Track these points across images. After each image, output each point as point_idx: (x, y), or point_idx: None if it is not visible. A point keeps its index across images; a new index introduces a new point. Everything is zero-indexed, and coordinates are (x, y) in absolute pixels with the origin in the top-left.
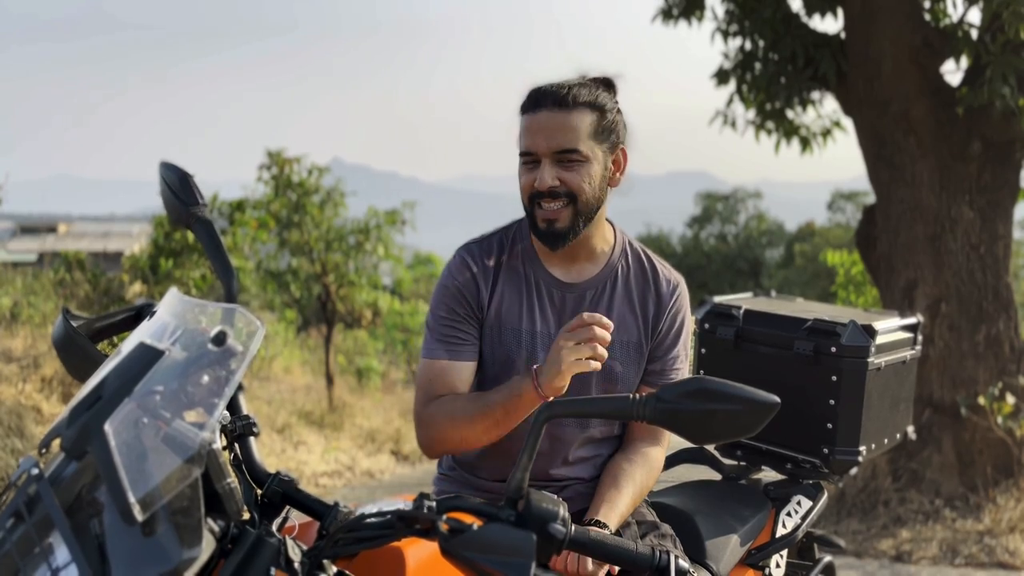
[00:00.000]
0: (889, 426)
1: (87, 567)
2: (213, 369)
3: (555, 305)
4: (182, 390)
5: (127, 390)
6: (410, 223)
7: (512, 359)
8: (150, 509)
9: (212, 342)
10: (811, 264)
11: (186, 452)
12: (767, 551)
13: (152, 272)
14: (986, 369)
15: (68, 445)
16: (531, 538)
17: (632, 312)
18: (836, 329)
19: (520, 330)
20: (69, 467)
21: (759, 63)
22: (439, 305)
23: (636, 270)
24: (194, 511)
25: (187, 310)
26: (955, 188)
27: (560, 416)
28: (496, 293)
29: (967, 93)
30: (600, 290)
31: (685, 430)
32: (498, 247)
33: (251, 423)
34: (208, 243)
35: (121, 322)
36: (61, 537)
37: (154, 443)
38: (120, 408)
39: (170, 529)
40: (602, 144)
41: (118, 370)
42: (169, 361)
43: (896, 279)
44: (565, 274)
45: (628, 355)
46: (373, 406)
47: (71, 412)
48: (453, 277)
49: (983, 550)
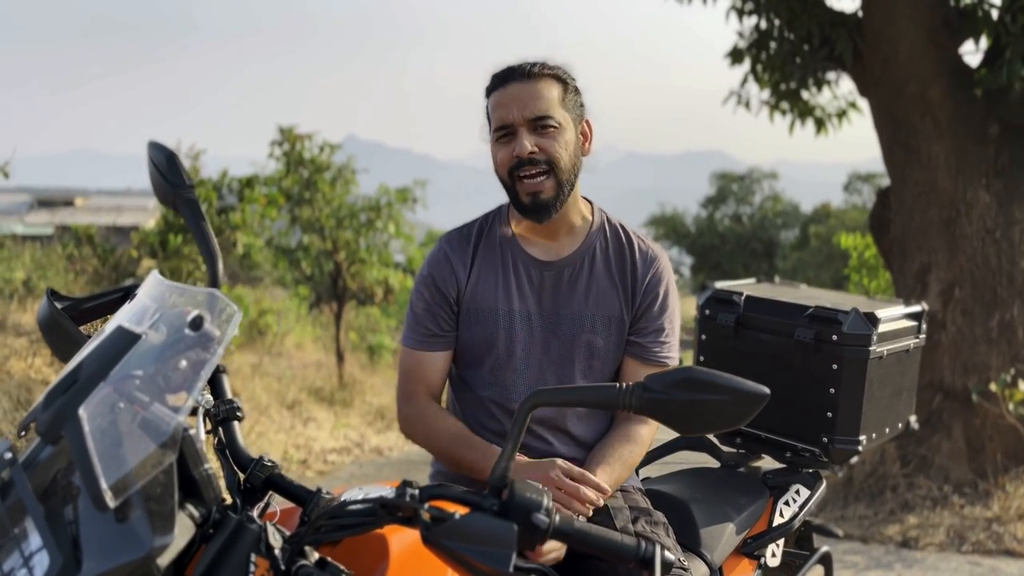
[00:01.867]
0: (891, 415)
1: (58, 553)
2: (191, 353)
3: (533, 284)
4: (159, 374)
5: (103, 374)
6: (421, 201)
7: (492, 339)
8: (123, 495)
9: (189, 326)
10: (826, 246)
11: (160, 437)
12: (763, 540)
13: (161, 248)
14: (999, 355)
15: (43, 429)
16: (512, 528)
17: (612, 286)
18: (838, 317)
19: (497, 310)
20: (44, 451)
21: (774, 42)
22: (417, 295)
23: (614, 245)
24: (167, 497)
25: (166, 293)
26: (971, 171)
27: (546, 405)
28: (472, 276)
29: (986, 74)
30: (578, 267)
31: (672, 420)
32: (477, 232)
33: (235, 407)
34: (193, 225)
35: (108, 303)
36: (33, 522)
37: (129, 428)
38: (95, 392)
39: (143, 516)
40: (570, 113)
41: (95, 354)
42: (146, 345)
43: (909, 263)
44: (543, 253)
45: (609, 329)
46: (384, 383)
47: (47, 396)
48: (430, 267)
49: (991, 537)
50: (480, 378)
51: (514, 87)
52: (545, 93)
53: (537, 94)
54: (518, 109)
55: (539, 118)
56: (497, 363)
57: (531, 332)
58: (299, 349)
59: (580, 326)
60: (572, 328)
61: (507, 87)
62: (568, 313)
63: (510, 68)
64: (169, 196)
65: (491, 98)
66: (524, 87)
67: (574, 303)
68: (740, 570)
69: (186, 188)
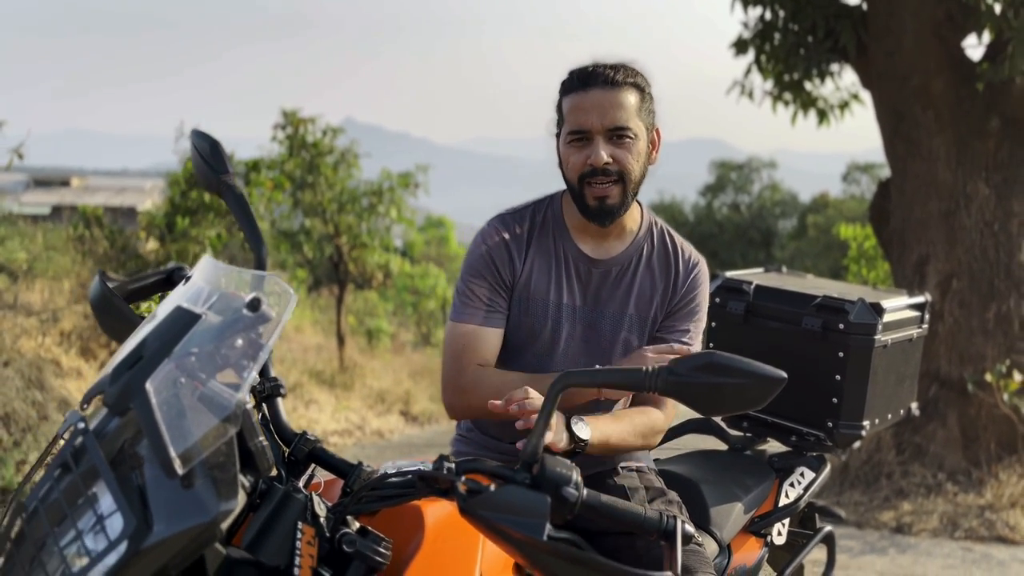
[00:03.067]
0: (893, 402)
1: (131, 515)
2: (246, 333)
3: (582, 280)
4: (217, 352)
5: (166, 351)
6: (423, 186)
7: (538, 329)
8: (189, 464)
9: (247, 308)
10: (824, 236)
11: (223, 412)
12: (770, 519)
13: (168, 230)
14: (995, 346)
15: (111, 401)
16: (546, 500)
17: (654, 288)
18: (844, 306)
19: (548, 302)
20: (112, 422)
21: (778, 33)
22: (470, 271)
23: (660, 249)
24: (230, 466)
25: (221, 276)
26: (971, 164)
27: (576, 385)
28: (527, 263)
29: (988, 68)
30: (625, 267)
31: (694, 402)
32: (530, 219)
33: (278, 384)
34: (238, 211)
35: (153, 284)
36: (106, 487)
37: (191, 402)
38: (160, 368)
39: (208, 483)
40: (644, 122)
41: (157, 332)
42: (205, 325)
43: (908, 254)
44: (593, 250)
45: (644, 330)
46: (383, 367)
47: (113, 371)
48: (485, 244)
49: (983, 524)
50: (522, 364)
51: (595, 93)
52: (625, 103)
53: (618, 103)
54: (598, 117)
55: (617, 128)
56: (540, 352)
57: (574, 325)
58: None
59: (619, 324)
60: (612, 325)
61: (588, 92)
62: (610, 311)
63: (594, 72)
64: (213, 182)
65: (569, 98)
66: (605, 95)
67: (616, 301)
68: (748, 547)
69: (229, 174)
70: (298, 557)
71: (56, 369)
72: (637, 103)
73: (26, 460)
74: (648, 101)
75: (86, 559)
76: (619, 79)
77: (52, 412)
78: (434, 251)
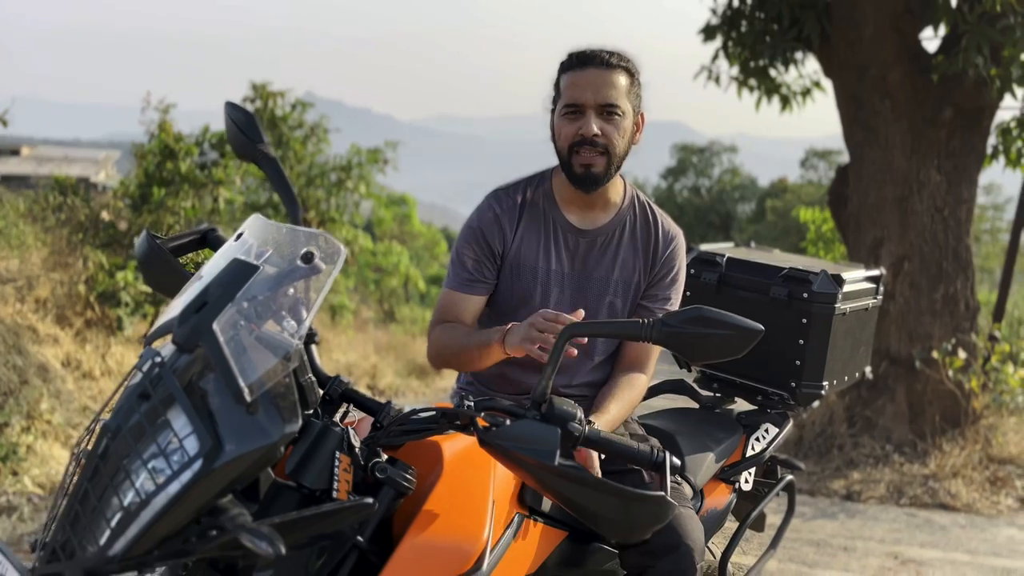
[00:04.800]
0: (850, 365)
1: (207, 436)
2: (300, 283)
3: (569, 248)
4: (272, 300)
5: (229, 297)
6: (392, 162)
7: (529, 294)
8: (255, 394)
9: (301, 260)
10: (782, 220)
11: (282, 351)
12: (738, 468)
13: (143, 201)
14: (942, 325)
15: (181, 340)
16: (556, 431)
17: (635, 256)
18: (808, 277)
19: (537, 268)
20: (181, 359)
21: (745, 21)
22: (463, 244)
23: (641, 220)
24: (290, 395)
25: (273, 232)
26: (925, 152)
27: (580, 335)
28: (518, 234)
29: (942, 61)
30: (609, 236)
31: (685, 350)
32: (523, 193)
33: (313, 332)
34: (274, 176)
35: (189, 243)
36: (182, 412)
37: (251, 342)
38: (224, 312)
39: (272, 410)
40: (632, 104)
41: (219, 280)
42: (263, 275)
43: (863, 237)
44: (580, 221)
45: (628, 293)
46: (348, 342)
47: (181, 314)
48: (480, 221)
49: (927, 492)
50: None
51: (591, 72)
52: (617, 83)
53: (611, 82)
54: (592, 93)
55: (608, 105)
56: (531, 314)
57: (563, 290)
58: None
59: (605, 288)
60: (598, 289)
61: (585, 70)
62: (597, 276)
63: (591, 53)
64: (249, 151)
65: (566, 75)
66: (600, 74)
67: (602, 267)
68: (718, 493)
69: (264, 144)
70: (336, 482)
71: (33, 335)
72: (627, 85)
73: (9, 423)
74: (637, 86)
75: (165, 475)
76: (613, 62)
77: (32, 377)
78: (397, 229)
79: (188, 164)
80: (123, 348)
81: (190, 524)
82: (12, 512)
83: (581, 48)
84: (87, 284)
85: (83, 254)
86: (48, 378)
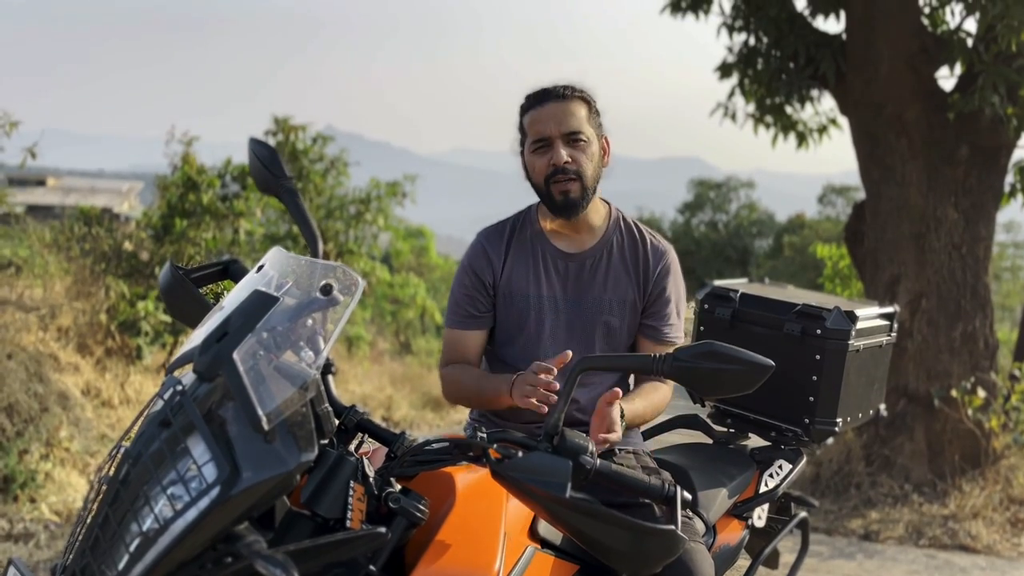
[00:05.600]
0: (864, 402)
1: (225, 463)
2: (318, 315)
3: (560, 273)
4: (291, 330)
5: (250, 327)
6: (411, 196)
7: (524, 321)
8: (273, 422)
9: (320, 292)
10: (799, 256)
11: (300, 381)
12: (751, 505)
13: (165, 231)
14: (960, 363)
15: (202, 369)
16: (568, 464)
17: (627, 274)
18: (822, 313)
19: (529, 295)
20: (201, 387)
21: (762, 59)
22: (457, 282)
23: (629, 240)
24: (307, 424)
25: (293, 265)
26: (942, 190)
27: (593, 368)
28: (507, 264)
29: (959, 99)
30: (598, 258)
31: (696, 384)
32: (510, 229)
33: (330, 363)
34: (295, 210)
35: (211, 274)
36: (201, 439)
37: (269, 371)
38: (245, 341)
39: (289, 438)
40: (594, 130)
41: (240, 311)
42: (283, 306)
43: (881, 274)
44: (568, 246)
45: (624, 312)
46: (364, 373)
47: (202, 343)
48: (469, 259)
49: (946, 533)
50: (513, 354)
51: (550, 106)
52: (576, 112)
53: (570, 112)
54: (555, 125)
55: (572, 133)
56: (528, 341)
57: (557, 314)
58: None
59: (599, 309)
60: (592, 310)
61: (544, 106)
62: (589, 298)
63: (546, 90)
64: (272, 185)
65: (528, 115)
66: (559, 106)
67: (594, 289)
68: (731, 529)
69: (287, 179)
70: (350, 511)
71: (54, 364)
72: (586, 113)
73: (28, 450)
74: (595, 113)
75: (183, 501)
76: (568, 94)
77: (52, 405)
78: (414, 261)
79: (210, 196)
80: (142, 377)
81: (207, 550)
82: (29, 539)
83: (537, 88)
84: (108, 313)
85: (105, 284)
86: (68, 406)
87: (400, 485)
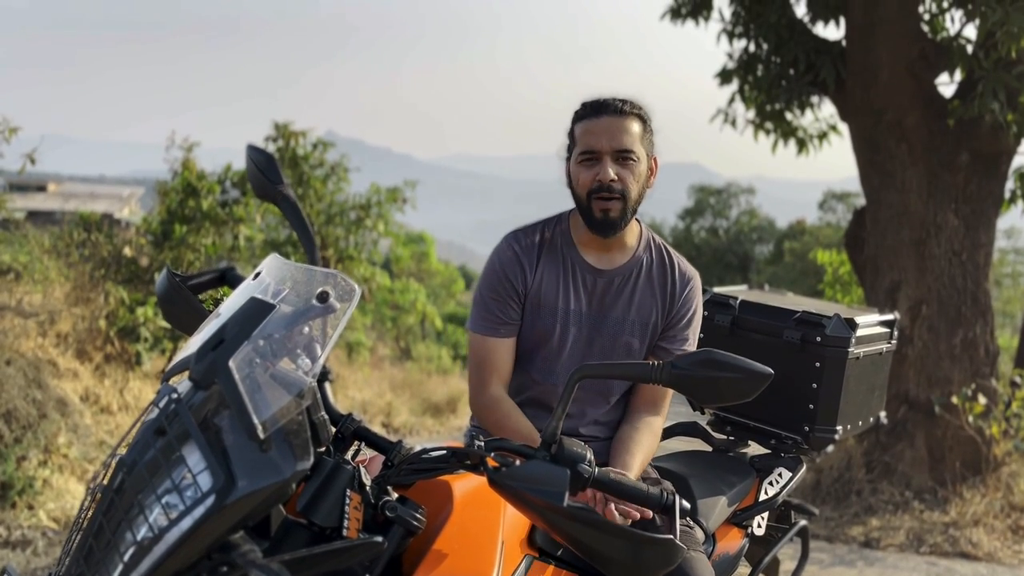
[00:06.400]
0: (864, 409)
1: (220, 472)
2: (315, 322)
3: (587, 288)
4: (288, 338)
5: (246, 335)
6: (411, 201)
7: (548, 334)
8: (269, 430)
9: (316, 299)
10: (800, 262)
11: (296, 389)
12: (750, 513)
13: (164, 237)
14: (961, 370)
15: (198, 377)
16: (566, 472)
17: (652, 297)
18: (822, 321)
19: (556, 308)
20: (197, 395)
21: (762, 65)
22: (486, 285)
23: (657, 262)
24: (303, 433)
25: (289, 272)
26: (942, 196)
27: (591, 376)
28: (538, 274)
29: (958, 106)
30: (627, 277)
31: (694, 392)
32: (540, 233)
33: (327, 371)
34: (293, 216)
35: (208, 281)
36: (196, 448)
37: (265, 379)
38: (240, 349)
39: (284, 447)
40: (645, 149)
41: (236, 319)
42: (279, 314)
43: (881, 280)
44: (598, 261)
45: (645, 333)
46: (363, 379)
47: (198, 351)
48: (501, 262)
49: (947, 540)
50: (534, 364)
51: (606, 120)
52: (631, 129)
53: (625, 129)
54: (607, 140)
55: (623, 151)
56: (550, 353)
57: (580, 329)
58: None
59: (621, 328)
60: (614, 329)
61: (600, 118)
62: (613, 316)
63: (604, 102)
64: (269, 192)
65: (581, 124)
66: (614, 121)
67: (619, 308)
68: (731, 537)
69: (284, 185)
70: (346, 520)
71: (53, 370)
72: (640, 131)
73: (26, 456)
74: (649, 132)
75: (178, 510)
76: (626, 109)
77: (51, 411)
78: (415, 266)
79: (210, 202)
80: (141, 383)
81: (201, 560)
82: (27, 546)
83: (595, 97)
84: (107, 319)
85: (105, 289)
86: (66, 412)
87: (397, 494)
